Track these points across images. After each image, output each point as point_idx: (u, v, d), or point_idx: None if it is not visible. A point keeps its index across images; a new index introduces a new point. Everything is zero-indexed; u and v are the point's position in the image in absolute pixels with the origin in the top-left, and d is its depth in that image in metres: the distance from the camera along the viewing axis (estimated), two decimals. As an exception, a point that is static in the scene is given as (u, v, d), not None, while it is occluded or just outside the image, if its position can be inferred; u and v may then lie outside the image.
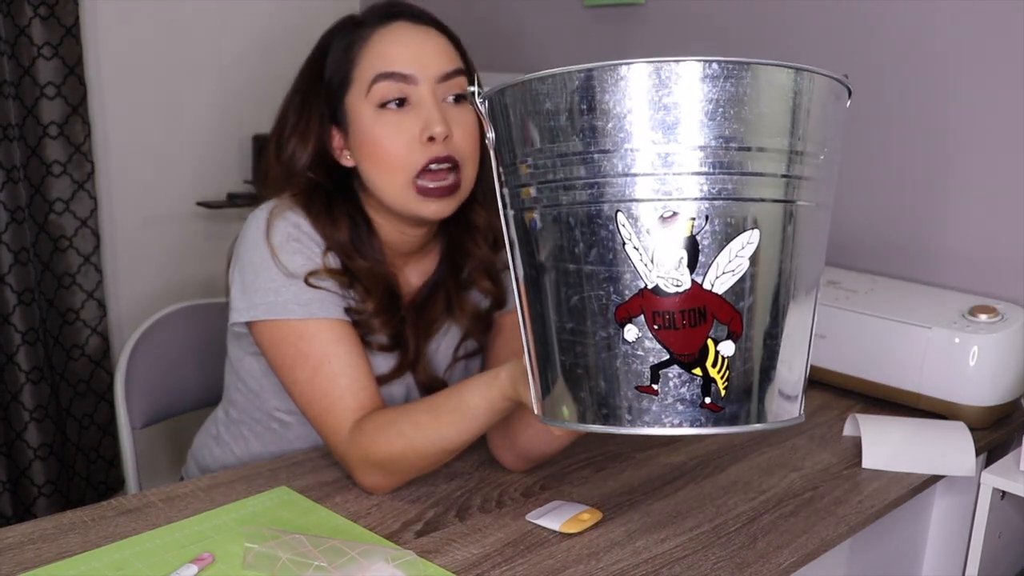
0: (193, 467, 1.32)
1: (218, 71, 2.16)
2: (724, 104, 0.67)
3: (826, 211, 0.76)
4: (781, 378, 0.73)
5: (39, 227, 1.90)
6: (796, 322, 0.73)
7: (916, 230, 1.54)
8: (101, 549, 0.88)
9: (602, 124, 0.68)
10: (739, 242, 0.68)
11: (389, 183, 1.06)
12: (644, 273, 0.68)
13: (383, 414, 1.01)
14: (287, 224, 1.08)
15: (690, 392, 0.69)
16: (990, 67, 1.43)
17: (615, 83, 0.67)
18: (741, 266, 0.68)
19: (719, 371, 0.69)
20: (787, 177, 0.70)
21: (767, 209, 0.69)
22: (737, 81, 0.67)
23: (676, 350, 0.69)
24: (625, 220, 0.68)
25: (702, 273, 0.68)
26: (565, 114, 0.70)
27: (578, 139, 0.69)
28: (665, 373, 0.69)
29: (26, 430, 1.90)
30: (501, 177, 0.78)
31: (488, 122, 0.77)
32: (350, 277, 1.09)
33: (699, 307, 0.68)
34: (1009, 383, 1.29)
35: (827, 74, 0.71)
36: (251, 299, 1.06)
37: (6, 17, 1.79)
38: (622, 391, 0.70)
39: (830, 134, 0.74)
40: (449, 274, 1.18)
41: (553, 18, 2.02)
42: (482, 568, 0.89)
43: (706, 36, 1.77)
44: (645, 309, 0.69)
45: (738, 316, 0.69)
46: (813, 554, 0.96)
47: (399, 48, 1.05)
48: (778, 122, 0.69)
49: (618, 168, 0.68)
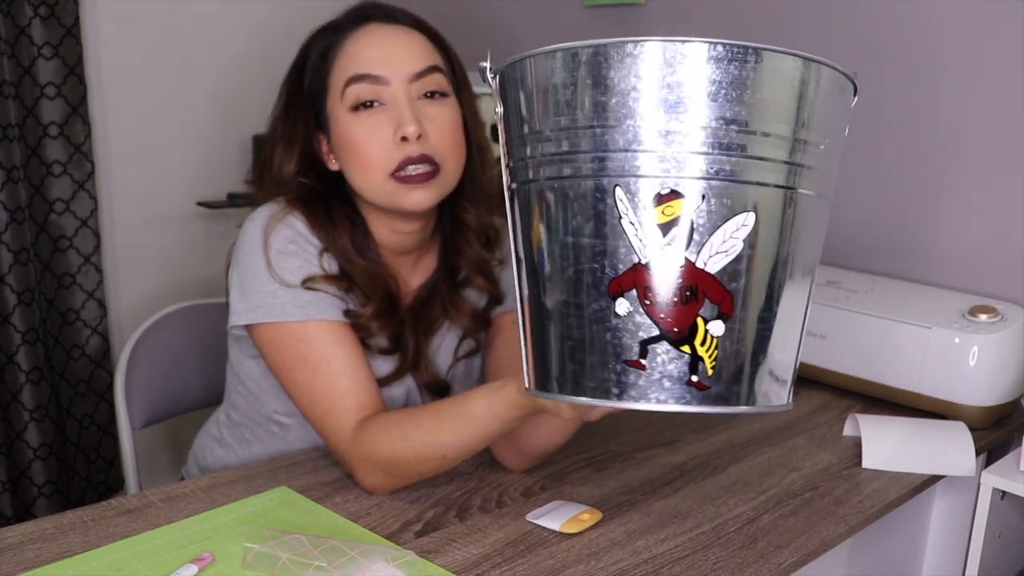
0: (194, 467, 1.32)
1: (218, 71, 2.16)
2: (727, 86, 0.67)
3: (825, 202, 0.76)
4: (770, 363, 0.73)
5: (39, 227, 1.90)
6: (788, 309, 0.74)
7: (916, 230, 1.54)
8: (101, 549, 0.88)
9: (606, 99, 0.69)
10: (734, 223, 0.69)
11: (368, 182, 1.06)
12: (638, 248, 0.69)
13: (387, 416, 1.01)
14: (284, 227, 1.08)
15: (677, 369, 0.70)
16: (991, 67, 1.43)
17: (621, 60, 0.68)
18: (735, 247, 0.69)
19: (707, 350, 0.70)
20: (787, 163, 0.70)
21: (765, 194, 0.70)
22: (742, 65, 0.67)
23: (666, 326, 0.69)
24: (623, 195, 0.69)
25: (695, 251, 0.69)
26: (571, 88, 0.70)
27: (582, 113, 0.70)
28: (654, 348, 0.70)
29: (26, 430, 1.90)
30: (507, 151, 0.79)
31: (498, 97, 0.78)
32: (348, 281, 1.09)
33: (691, 284, 0.69)
34: (1009, 383, 1.29)
35: (831, 65, 0.72)
36: (250, 302, 1.07)
37: (6, 17, 1.79)
38: (610, 364, 0.71)
39: (833, 126, 0.74)
40: (446, 275, 1.18)
41: (553, 18, 2.02)
42: (482, 568, 0.89)
43: (706, 36, 1.76)
44: (637, 284, 0.69)
45: (729, 297, 0.69)
46: (813, 554, 0.96)
47: (369, 50, 1.06)
48: (780, 108, 0.70)
49: (619, 143, 0.69)
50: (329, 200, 1.11)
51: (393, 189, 1.05)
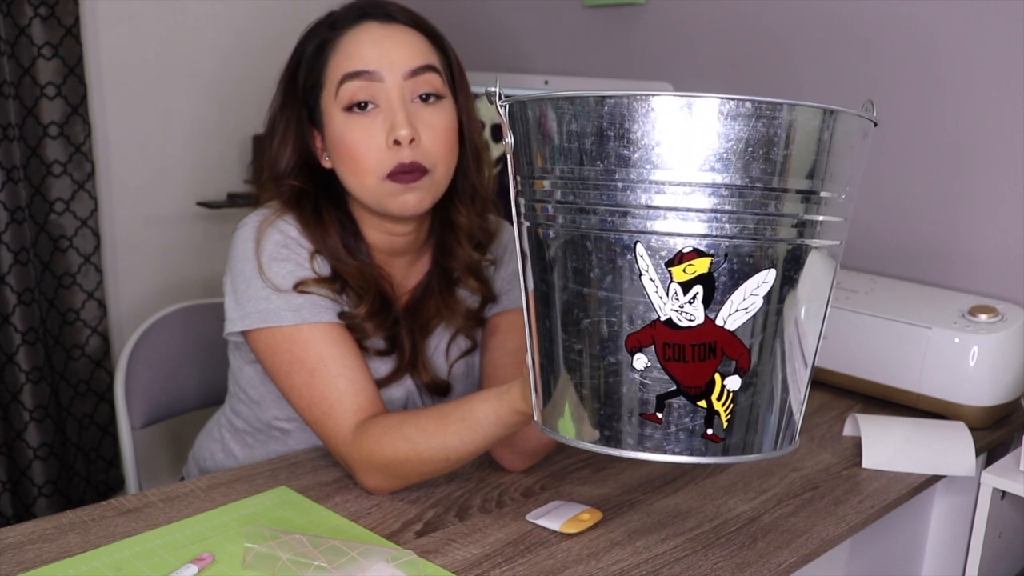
0: (194, 468, 1.32)
1: (218, 71, 2.16)
2: (754, 144, 0.66)
3: (840, 246, 0.75)
4: (782, 411, 0.73)
5: (39, 227, 1.90)
6: (802, 357, 0.74)
7: (916, 230, 1.54)
8: (101, 549, 0.88)
9: (628, 153, 0.67)
10: (755, 281, 0.68)
11: (360, 184, 1.06)
12: (658, 305, 0.68)
13: (390, 417, 1.01)
14: (275, 232, 1.08)
15: (693, 423, 0.69)
16: (990, 67, 1.43)
17: (645, 114, 0.66)
18: (755, 304, 0.68)
19: (723, 404, 0.70)
20: (808, 218, 0.70)
21: (785, 248, 0.69)
22: (769, 121, 0.66)
23: (683, 382, 0.69)
24: (643, 251, 0.68)
25: (716, 309, 0.68)
26: (591, 138, 0.68)
27: (602, 165, 0.68)
28: (670, 403, 0.69)
29: (26, 430, 1.90)
30: (517, 185, 0.77)
31: (508, 127, 0.76)
32: (341, 282, 1.09)
33: (710, 342, 0.68)
34: (1009, 383, 1.29)
35: (859, 114, 0.71)
36: (244, 308, 1.07)
37: (6, 17, 1.79)
38: (625, 416, 0.70)
39: (854, 173, 0.73)
40: (439, 275, 1.18)
41: (553, 18, 2.02)
42: (482, 568, 0.89)
43: (706, 36, 1.77)
44: (656, 340, 0.68)
45: (747, 352, 0.69)
46: (813, 554, 0.96)
47: (365, 48, 1.05)
48: (805, 163, 0.68)
49: (641, 200, 0.67)
50: (320, 201, 1.11)
51: (385, 191, 1.05)
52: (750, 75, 1.72)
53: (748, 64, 1.72)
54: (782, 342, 0.71)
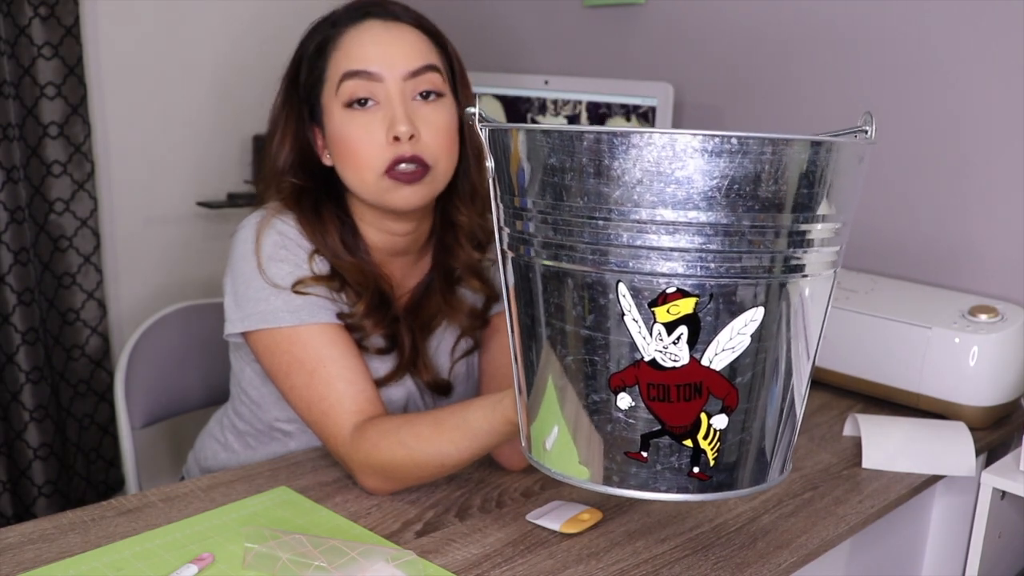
0: (194, 468, 1.32)
1: (218, 71, 2.16)
2: (740, 181, 0.63)
3: (835, 269, 0.73)
4: (774, 445, 0.71)
5: (39, 227, 1.90)
6: (792, 392, 0.71)
7: (916, 230, 1.54)
8: (101, 549, 0.88)
9: (608, 191, 0.64)
10: (742, 320, 0.66)
11: (359, 180, 1.06)
12: (642, 346, 0.66)
13: (387, 420, 1.01)
14: (274, 232, 1.08)
15: (679, 461, 0.68)
16: (990, 67, 1.43)
17: (626, 151, 0.63)
18: (742, 343, 0.66)
19: (710, 443, 0.68)
20: (799, 252, 0.67)
21: (774, 285, 0.66)
22: (756, 157, 0.62)
23: (669, 421, 0.67)
24: (626, 291, 0.65)
25: (701, 350, 0.65)
26: (571, 174, 0.65)
27: (582, 202, 0.65)
28: (656, 443, 0.68)
29: (26, 430, 1.90)
30: (499, 212, 0.75)
31: (489, 151, 0.74)
32: (339, 281, 1.09)
33: (695, 382, 0.66)
34: (1009, 383, 1.29)
35: (854, 142, 0.67)
36: (243, 309, 1.07)
37: (6, 17, 1.79)
38: (610, 454, 0.69)
39: (851, 199, 0.70)
40: (441, 274, 1.18)
41: (553, 18, 2.02)
42: (482, 568, 0.89)
43: (707, 36, 1.77)
44: (640, 380, 0.67)
45: (734, 392, 0.67)
46: (813, 554, 0.96)
47: (366, 47, 1.06)
48: (795, 198, 0.65)
49: (623, 239, 0.65)
50: (319, 199, 1.11)
51: (384, 186, 1.05)
52: (750, 75, 1.72)
53: (748, 64, 1.72)
54: (773, 380, 0.69)
